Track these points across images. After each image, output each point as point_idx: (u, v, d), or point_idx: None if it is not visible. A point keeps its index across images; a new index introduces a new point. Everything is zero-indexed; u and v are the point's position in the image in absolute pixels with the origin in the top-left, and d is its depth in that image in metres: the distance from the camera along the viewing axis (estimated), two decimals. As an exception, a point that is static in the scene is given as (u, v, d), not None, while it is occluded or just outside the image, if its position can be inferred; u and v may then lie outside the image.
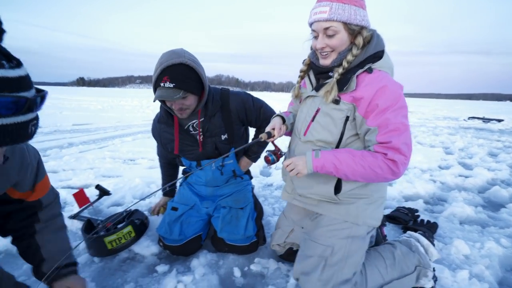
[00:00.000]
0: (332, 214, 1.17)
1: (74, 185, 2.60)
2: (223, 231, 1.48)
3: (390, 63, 1.08)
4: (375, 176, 1.00)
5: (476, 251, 1.62)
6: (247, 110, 1.53)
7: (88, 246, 1.53)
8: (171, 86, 1.19)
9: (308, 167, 1.06)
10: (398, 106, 0.97)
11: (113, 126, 6.56)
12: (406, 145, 0.96)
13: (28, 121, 0.61)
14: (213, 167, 1.59)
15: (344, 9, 0.95)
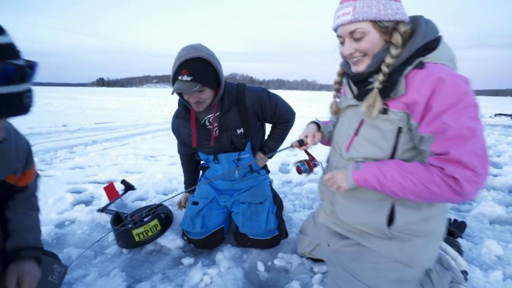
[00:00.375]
0: (381, 250, 0.99)
1: (100, 180, 2.72)
2: (245, 227, 1.50)
3: (448, 53, 0.87)
4: (432, 195, 0.81)
5: (509, 252, 1.54)
6: (262, 106, 1.52)
7: (117, 238, 1.60)
8: (189, 79, 1.20)
9: (347, 181, 0.94)
10: (462, 105, 0.75)
11: (133, 124, 6.77)
12: (476, 157, 0.74)
13: (22, 92, 0.59)
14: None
15: (370, 5, 0.81)
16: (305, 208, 2.14)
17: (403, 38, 0.85)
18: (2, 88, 0.55)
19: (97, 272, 1.39)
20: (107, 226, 1.84)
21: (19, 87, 0.58)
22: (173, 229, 1.69)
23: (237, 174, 1.65)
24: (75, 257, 1.49)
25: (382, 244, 0.98)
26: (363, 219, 0.99)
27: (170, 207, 1.88)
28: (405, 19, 0.85)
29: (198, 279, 1.32)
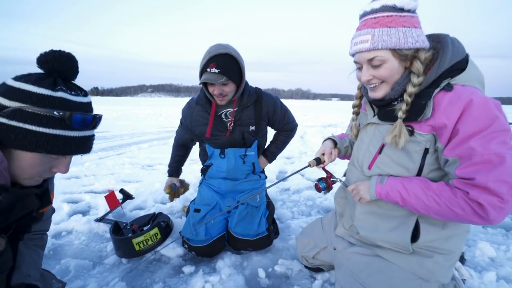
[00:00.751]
0: (400, 263, 0.97)
1: (97, 190, 2.70)
2: (238, 226, 1.54)
3: (477, 75, 0.84)
4: (455, 217, 0.80)
5: (502, 253, 1.59)
6: (275, 110, 1.67)
7: (117, 247, 1.60)
8: (216, 71, 1.34)
9: (370, 192, 0.95)
10: (492, 130, 0.73)
11: (129, 133, 6.74)
12: (504, 183, 0.72)
13: (90, 136, 0.80)
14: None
15: (390, 34, 0.79)
16: (304, 215, 2.16)
17: (423, 65, 0.83)
18: (81, 132, 0.75)
19: (96, 282, 1.37)
20: (106, 236, 1.83)
21: (90, 132, 0.79)
22: (173, 238, 1.69)
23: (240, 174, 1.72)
24: (73, 268, 1.48)
25: (402, 258, 0.97)
26: (386, 236, 0.98)
27: (170, 216, 1.88)
28: (426, 46, 0.82)
29: (199, 287, 1.33)
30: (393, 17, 0.80)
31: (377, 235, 1.01)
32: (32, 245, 1.02)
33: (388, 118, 0.94)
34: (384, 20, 0.80)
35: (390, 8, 0.80)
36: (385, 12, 0.81)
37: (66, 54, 0.75)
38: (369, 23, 0.83)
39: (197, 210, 1.64)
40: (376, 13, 0.82)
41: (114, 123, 8.82)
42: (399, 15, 0.80)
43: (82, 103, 0.76)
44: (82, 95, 0.78)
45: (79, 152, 0.77)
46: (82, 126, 0.74)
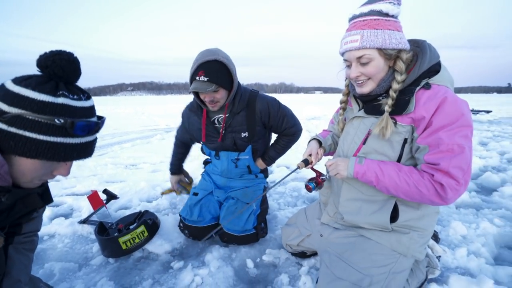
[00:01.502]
0: (381, 240, 1.08)
1: (79, 192, 2.63)
2: (225, 219, 1.57)
3: (449, 77, 0.97)
4: (419, 196, 0.92)
5: (472, 231, 1.72)
6: (270, 114, 1.59)
7: (103, 247, 1.58)
8: (205, 80, 1.33)
9: (348, 171, 1.03)
10: (458, 124, 0.86)
11: (110, 133, 6.55)
12: (460, 170, 0.86)
13: (93, 141, 0.79)
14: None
15: (377, 35, 0.88)
16: (289, 206, 2.22)
17: (405, 64, 0.93)
18: (84, 138, 0.74)
19: (83, 284, 1.36)
20: (91, 237, 1.80)
21: (92, 137, 0.78)
22: (160, 235, 1.69)
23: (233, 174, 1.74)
24: (58, 271, 1.45)
25: (383, 235, 1.08)
26: (368, 218, 1.08)
27: (157, 213, 1.87)
28: (407, 48, 0.93)
29: (189, 280, 1.34)
30: (379, 20, 0.89)
31: (360, 218, 1.11)
32: (22, 249, 1.00)
33: (373, 112, 1.04)
34: (372, 23, 0.89)
35: (377, 12, 0.90)
36: (373, 16, 0.90)
37: (66, 57, 0.71)
38: (359, 25, 0.91)
39: (196, 194, 1.74)
40: (364, 17, 0.91)
41: (94, 124, 8.53)
42: (384, 19, 0.89)
43: (84, 108, 0.73)
44: (85, 98, 0.75)
45: (81, 158, 0.75)
46: (85, 132, 0.72)
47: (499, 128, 6.42)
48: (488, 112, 10.08)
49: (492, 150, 4.07)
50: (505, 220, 1.87)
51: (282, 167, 3.26)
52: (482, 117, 8.90)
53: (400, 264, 1.05)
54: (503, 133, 5.69)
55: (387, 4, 0.88)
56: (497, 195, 2.35)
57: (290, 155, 3.80)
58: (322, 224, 1.29)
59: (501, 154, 3.84)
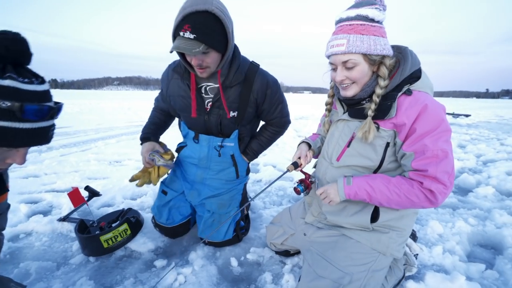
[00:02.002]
0: (362, 239, 1.11)
1: (59, 189, 2.54)
2: (204, 233, 1.53)
3: (429, 83, 1.01)
4: (411, 204, 0.95)
5: (448, 230, 1.79)
6: (267, 95, 1.38)
7: (83, 246, 1.53)
8: (192, 37, 1.03)
9: (340, 195, 1.04)
10: (439, 130, 0.90)
11: (94, 128, 6.35)
12: (446, 174, 0.89)
13: (49, 127, 0.75)
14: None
15: (362, 40, 0.90)
16: (275, 205, 2.24)
17: (388, 70, 0.96)
18: (36, 124, 0.70)
19: (61, 283, 1.32)
20: (71, 235, 1.75)
21: (48, 123, 0.74)
22: (144, 233, 1.67)
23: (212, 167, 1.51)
24: (34, 271, 1.40)
25: (364, 234, 1.11)
26: (350, 219, 1.12)
27: (141, 211, 1.84)
28: (390, 54, 0.95)
29: (172, 279, 1.33)
30: (365, 26, 0.91)
31: (342, 219, 1.14)
32: None
33: (357, 116, 1.06)
34: (358, 28, 0.91)
35: (363, 17, 0.91)
36: (359, 21, 0.91)
37: (11, 37, 0.66)
38: (345, 29, 0.92)
39: (164, 192, 1.61)
40: (351, 21, 0.92)
41: (77, 118, 8.24)
42: (370, 24, 0.91)
43: (36, 92, 0.70)
44: (38, 82, 0.71)
45: (35, 144, 0.72)
46: (37, 117, 0.69)
47: (477, 132, 6.71)
48: (467, 116, 10.53)
49: (470, 153, 4.25)
50: (478, 219, 1.97)
51: (269, 166, 3.28)
52: (461, 121, 9.29)
53: (379, 262, 1.09)
54: (480, 137, 5.96)
55: (373, 9, 0.90)
56: (472, 195, 2.46)
57: (277, 154, 3.84)
58: (306, 223, 1.31)
59: (477, 157, 4.02)
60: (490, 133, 6.46)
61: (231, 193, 1.57)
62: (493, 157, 3.97)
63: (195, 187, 1.58)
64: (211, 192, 1.54)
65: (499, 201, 2.35)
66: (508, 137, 5.86)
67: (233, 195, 1.57)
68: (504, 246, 1.64)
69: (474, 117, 10.65)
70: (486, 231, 1.80)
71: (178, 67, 1.31)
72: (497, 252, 1.63)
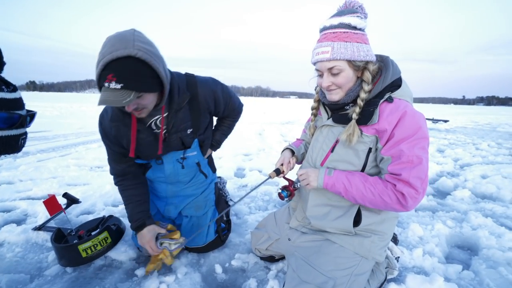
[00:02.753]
0: (345, 244, 1.12)
1: (36, 196, 2.43)
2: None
3: (409, 92, 1.05)
4: (383, 204, 0.98)
5: (428, 232, 1.85)
6: (216, 100, 1.38)
7: (60, 256, 1.46)
8: (119, 87, 0.93)
9: (318, 182, 1.07)
10: (416, 137, 0.93)
11: (75, 133, 6.13)
12: (419, 179, 0.93)
13: (19, 135, 0.75)
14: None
15: (346, 47, 0.93)
16: (260, 210, 2.23)
17: (372, 75, 1.00)
18: (5, 132, 0.71)
19: (35, 296, 1.25)
20: (46, 245, 1.67)
21: (18, 131, 0.74)
22: (125, 240, 1.61)
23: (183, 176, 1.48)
24: (5, 284, 1.32)
25: (347, 239, 1.13)
26: (334, 223, 1.13)
27: (122, 218, 1.78)
28: (373, 60, 0.99)
29: (154, 288, 1.29)
30: (348, 33, 0.94)
31: (326, 223, 1.15)
32: None
33: (341, 121, 1.08)
34: (342, 35, 0.94)
35: (346, 25, 0.94)
36: (342, 29, 0.94)
37: None
38: (329, 36, 0.95)
39: None
40: (334, 29, 0.95)
41: (56, 122, 7.94)
42: (353, 32, 0.94)
43: (7, 100, 0.70)
44: (9, 90, 0.71)
45: (4, 153, 0.72)
46: (6, 124, 0.69)
47: (454, 137, 7.03)
48: (446, 121, 11.00)
49: (448, 157, 4.44)
50: (455, 221, 2.05)
51: (255, 171, 3.28)
52: (440, 126, 9.70)
53: (361, 266, 1.10)
54: (458, 141, 6.24)
55: (355, 18, 0.94)
56: (450, 198, 2.56)
57: (263, 159, 3.85)
58: (291, 228, 1.32)
59: (455, 161, 4.20)
60: (467, 138, 6.78)
61: (204, 194, 1.59)
62: (469, 161, 4.16)
63: (170, 201, 1.56)
64: (187, 200, 1.55)
65: (475, 204, 2.45)
66: (482, 142, 6.17)
67: (206, 196, 1.59)
68: (479, 247, 1.71)
69: (452, 123, 11.16)
70: (463, 233, 1.87)
71: (114, 115, 1.21)
72: (473, 253, 1.70)
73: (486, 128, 10.00)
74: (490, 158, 4.42)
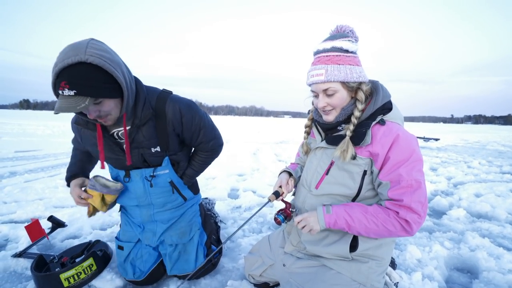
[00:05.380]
0: (342, 270, 1.09)
1: (19, 219, 2.32)
2: (174, 269, 1.43)
3: (400, 115, 1.07)
4: (389, 233, 0.97)
5: (426, 254, 1.81)
6: (183, 124, 1.27)
7: (40, 286, 1.37)
8: (72, 93, 0.91)
9: (320, 224, 1.04)
10: (412, 160, 0.94)
11: (66, 152, 6.01)
12: (420, 203, 0.93)
13: None
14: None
15: (339, 69, 0.96)
16: (255, 233, 2.16)
17: (365, 95, 1.02)
18: None
19: (9, 332, 1.15)
20: (26, 274, 1.56)
21: None
22: (111, 267, 1.53)
23: (152, 198, 1.36)
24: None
25: (344, 264, 1.09)
26: (329, 248, 1.10)
27: (110, 243, 1.70)
28: (366, 80, 1.02)
29: (140, 321, 1.21)
30: (341, 56, 0.97)
31: (322, 249, 1.12)
32: None
33: (334, 143, 1.08)
34: (335, 59, 0.97)
35: (338, 49, 0.98)
36: (335, 52, 0.97)
37: None
38: (323, 59, 0.98)
39: (121, 248, 1.47)
40: (327, 52, 0.98)
41: (48, 141, 7.80)
42: (345, 55, 0.98)
43: None
44: None
45: None
46: None
47: (446, 155, 7.13)
48: (437, 139, 11.21)
49: (441, 175, 4.46)
50: (453, 242, 2.01)
51: (249, 191, 3.22)
52: (432, 144, 9.87)
53: None
54: (449, 160, 6.32)
55: (346, 41, 0.97)
56: (446, 218, 2.54)
57: (258, 180, 3.81)
58: (285, 253, 1.27)
59: (448, 179, 4.23)
60: (458, 156, 6.88)
61: (186, 218, 1.48)
62: (462, 179, 4.19)
63: (147, 227, 1.45)
64: (165, 225, 1.44)
65: (471, 223, 2.43)
66: (473, 159, 6.26)
67: (191, 219, 1.49)
68: (479, 270, 1.67)
69: (442, 141, 11.37)
70: (461, 254, 1.83)
71: (79, 118, 1.19)
72: (473, 276, 1.66)
73: (476, 146, 10.21)
74: (482, 176, 4.46)
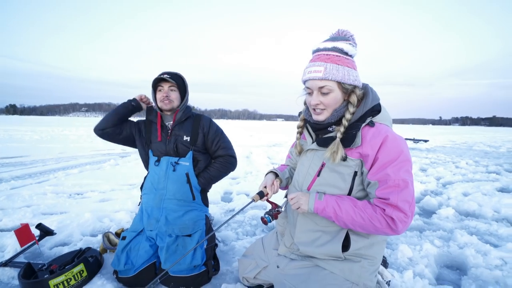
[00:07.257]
0: (334, 270, 1.10)
1: (5, 227, 2.25)
2: (168, 261, 1.42)
3: (388, 117, 1.09)
4: (374, 229, 0.98)
5: (417, 253, 1.84)
6: (210, 128, 1.78)
7: (28, 294, 1.33)
8: (168, 77, 1.63)
9: (309, 206, 1.07)
10: (400, 160, 0.96)
11: (55, 158, 5.88)
12: (407, 203, 0.94)
13: None
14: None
15: (338, 69, 0.97)
16: (248, 235, 2.16)
17: (358, 99, 1.04)
18: None
19: None
20: (12, 283, 1.51)
21: None
22: (102, 274, 1.50)
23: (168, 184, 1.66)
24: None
25: (336, 264, 1.10)
26: (322, 249, 1.11)
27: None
28: (360, 85, 1.05)
29: (132, 327, 1.19)
30: (340, 57, 0.99)
31: (315, 249, 1.13)
32: None
33: (325, 145, 1.09)
34: (334, 58, 0.99)
35: (339, 50, 1.00)
36: (335, 52, 1.00)
37: None
38: (322, 57, 1.00)
39: (124, 238, 1.55)
40: (328, 51, 1.00)
41: (36, 146, 7.62)
42: (345, 57, 1.00)
43: None
44: None
45: None
46: None
47: (435, 156, 7.30)
48: (426, 141, 11.47)
49: (430, 176, 4.56)
50: (443, 240, 2.06)
51: (242, 194, 3.22)
52: (421, 146, 10.09)
53: None
54: (438, 160, 6.47)
55: (347, 44, 1.00)
56: (436, 217, 2.60)
57: (251, 182, 3.81)
58: (279, 255, 1.27)
59: (437, 179, 4.32)
60: (446, 157, 7.06)
61: (191, 216, 1.62)
62: (450, 179, 4.29)
63: (152, 215, 1.63)
64: (169, 216, 1.60)
65: (459, 221, 2.50)
66: (461, 160, 6.43)
67: (195, 220, 1.61)
68: (468, 266, 1.71)
69: (432, 142, 11.65)
70: (451, 252, 1.87)
71: (146, 119, 1.81)
72: (462, 272, 1.70)
73: (463, 147, 10.49)
74: (469, 176, 4.59)
